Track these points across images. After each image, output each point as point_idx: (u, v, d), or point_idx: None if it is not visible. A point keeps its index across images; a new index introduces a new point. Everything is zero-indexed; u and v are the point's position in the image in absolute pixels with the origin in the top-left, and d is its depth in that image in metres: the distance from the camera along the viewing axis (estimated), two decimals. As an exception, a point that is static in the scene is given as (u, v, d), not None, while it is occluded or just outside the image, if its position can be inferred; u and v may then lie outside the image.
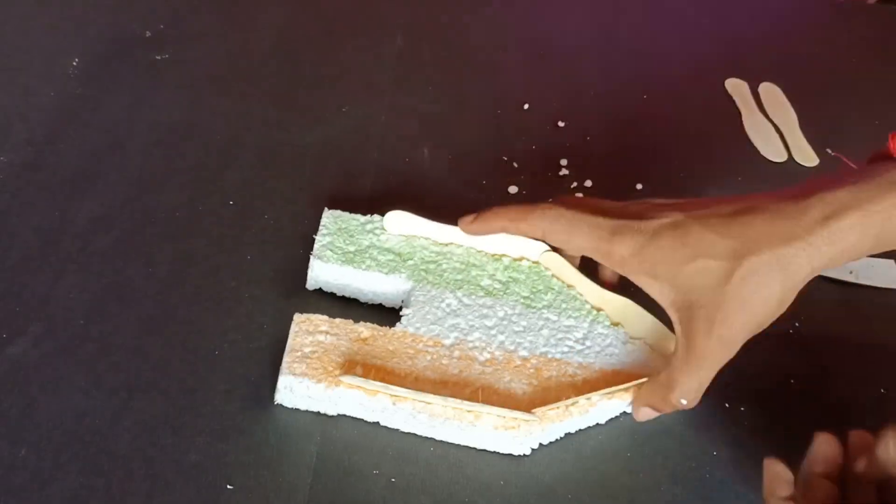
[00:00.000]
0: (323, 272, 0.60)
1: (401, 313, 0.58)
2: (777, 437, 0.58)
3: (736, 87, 0.85)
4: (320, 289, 0.61)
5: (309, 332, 0.55)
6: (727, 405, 0.59)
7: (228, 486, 0.51)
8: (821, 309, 0.66)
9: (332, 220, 0.62)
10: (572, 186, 0.72)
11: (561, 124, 0.78)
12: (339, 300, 0.61)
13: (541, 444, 0.55)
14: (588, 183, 0.72)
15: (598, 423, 0.56)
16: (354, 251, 0.60)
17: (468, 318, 0.57)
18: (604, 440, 0.56)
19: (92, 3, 0.84)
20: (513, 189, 0.71)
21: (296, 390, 0.53)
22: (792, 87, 0.85)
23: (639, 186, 0.73)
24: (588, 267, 0.59)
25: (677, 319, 0.50)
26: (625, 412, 0.57)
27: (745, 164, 0.77)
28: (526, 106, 0.80)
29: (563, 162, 0.74)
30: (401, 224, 0.61)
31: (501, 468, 0.54)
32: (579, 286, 0.60)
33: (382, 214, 0.62)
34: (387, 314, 0.60)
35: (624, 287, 0.58)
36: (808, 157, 0.78)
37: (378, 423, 0.54)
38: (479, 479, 0.53)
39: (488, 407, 0.52)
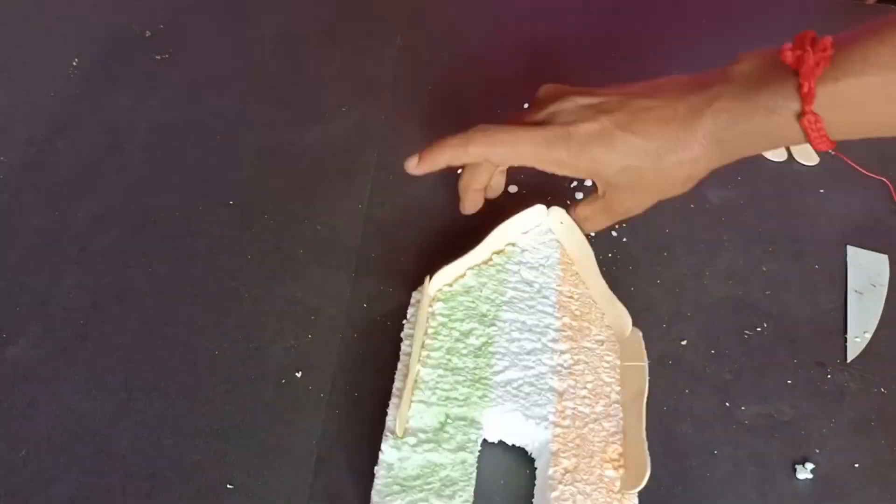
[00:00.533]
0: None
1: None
2: (777, 436, 0.58)
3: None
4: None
5: None
6: (727, 405, 0.59)
7: (228, 486, 0.51)
8: (820, 310, 0.66)
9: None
10: (572, 185, 0.72)
11: (561, 124, 0.78)
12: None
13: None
14: (589, 182, 0.72)
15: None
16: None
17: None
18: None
19: (92, 3, 0.84)
20: (512, 188, 0.70)
21: None
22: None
23: (639, 186, 0.73)
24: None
25: (603, 191, 0.59)
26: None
27: (745, 164, 0.76)
28: (526, 105, 0.79)
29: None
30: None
31: (508, 464, 0.55)
32: (581, 249, 0.61)
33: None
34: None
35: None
36: (808, 155, 0.78)
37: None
38: (485, 476, 0.53)
39: None
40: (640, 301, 0.60)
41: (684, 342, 0.63)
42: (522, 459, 0.55)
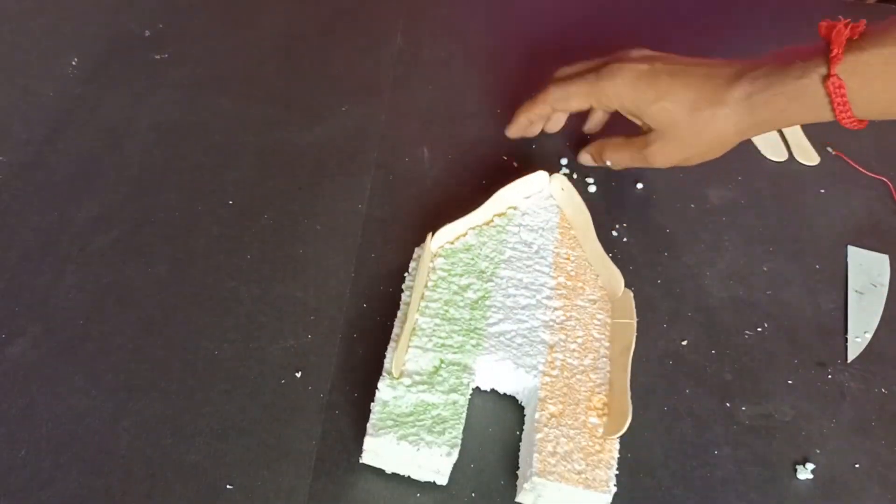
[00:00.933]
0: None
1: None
2: (778, 436, 0.58)
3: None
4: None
5: None
6: (727, 405, 0.59)
7: (228, 486, 0.51)
8: (820, 310, 0.66)
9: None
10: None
11: (561, 124, 0.78)
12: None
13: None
14: (589, 180, 0.72)
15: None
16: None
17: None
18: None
19: (91, 3, 0.84)
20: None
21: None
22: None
23: (639, 186, 0.73)
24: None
25: (641, 127, 0.67)
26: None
27: (745, 164, 0.77)
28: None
29: (564, 161, 0.74)
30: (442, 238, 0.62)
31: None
32: (580, 215, 0.64)
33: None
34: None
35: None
36: (808, 156, 0.78)
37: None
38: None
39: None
40: (640, 301, 0.60)
41: (685, 342, 0.63)
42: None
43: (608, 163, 0.70)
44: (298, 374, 0.57)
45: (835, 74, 0.55)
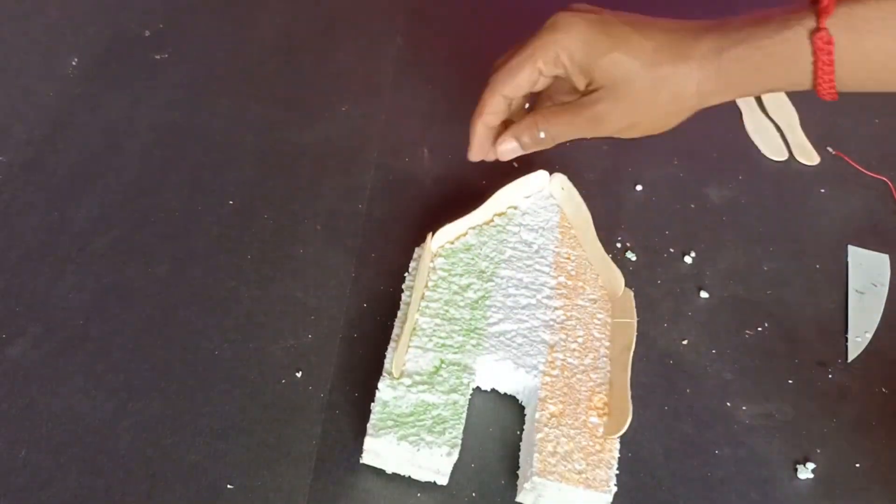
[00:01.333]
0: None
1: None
2: (778, 436, 0.58)
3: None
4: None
5: None
6: (728, 405, 0.59)
7: (229, 486, 0.51)
8: (821, 310, 0.66)
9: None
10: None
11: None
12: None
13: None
14: (590, 179, 0.72)
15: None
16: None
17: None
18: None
19: (91, 3, 0.84)
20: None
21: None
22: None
23: (638, 188, 0.73)
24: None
25: (583, 84, 0.55)
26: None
27: (745, 163, 0.77)
28: (526, 105, 0.79)
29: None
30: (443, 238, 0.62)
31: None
32: (580, 214, 0.64)
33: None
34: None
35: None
36: (808, 155, 0.78)
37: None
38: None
39: None
40: (640, 301, 0.60)
41: (685, 342, 0.63)
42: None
43: (542, 135, 0.57)
44: (299, 374, 0.57)
45: (824, 28, 0.48)
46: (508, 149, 0.59)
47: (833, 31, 0.48)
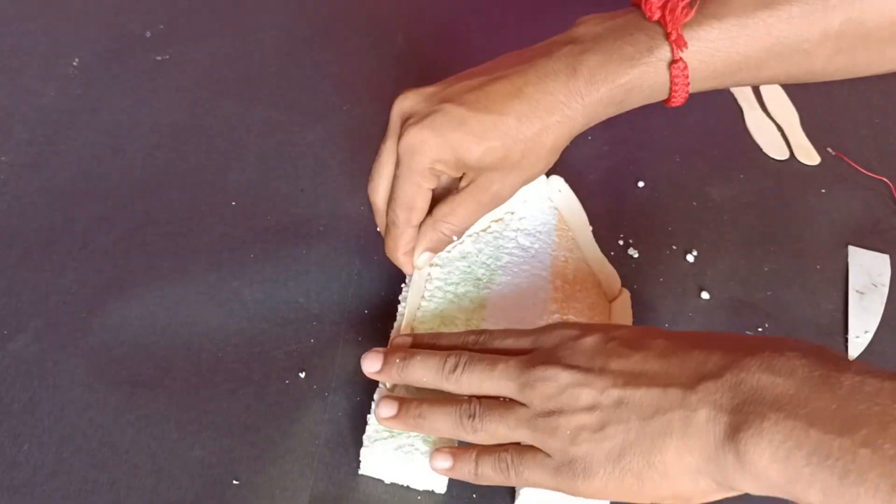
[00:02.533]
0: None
1: None
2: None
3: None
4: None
5: None
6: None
7: (235, 482, 0.51)
8: (821, 310, 0.66)
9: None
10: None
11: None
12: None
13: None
14: (591, 177, 0.72)
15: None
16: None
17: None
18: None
19: (92, 3, 0.84)
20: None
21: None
22: (793, 84, 0.85)
23: (640, 184, 0.73)
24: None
25: (468, 181, 0.56)
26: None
27: (746, 162, 0.77)
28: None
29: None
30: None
31: None
32: (577, 216, 0.64)
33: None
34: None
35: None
36: (809, 155, 0.78)
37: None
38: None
39: None
40: (640, 301, 0.60)
41: (687, 340, 0.63)
42: None
43: (449, 235, 0.58)
44: (302, 375, 0.57)
45: (680, 59, 0.52)
46: (426, 259, 0.58)
47: (686, 57, 0.52)
